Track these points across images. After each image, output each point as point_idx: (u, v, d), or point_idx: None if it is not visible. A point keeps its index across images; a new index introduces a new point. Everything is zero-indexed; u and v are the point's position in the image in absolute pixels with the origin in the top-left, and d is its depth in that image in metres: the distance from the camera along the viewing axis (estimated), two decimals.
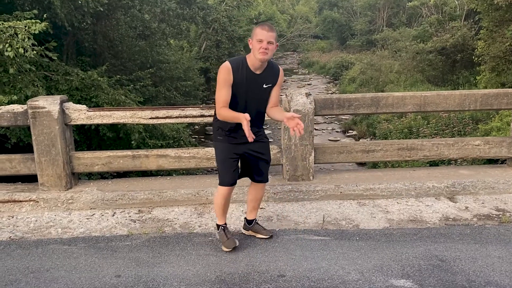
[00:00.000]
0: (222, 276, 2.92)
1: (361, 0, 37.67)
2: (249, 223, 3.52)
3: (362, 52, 30.86)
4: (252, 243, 3.39)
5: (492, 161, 5.97)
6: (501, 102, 4.28)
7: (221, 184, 3.27)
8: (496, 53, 13.33)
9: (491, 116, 11.32)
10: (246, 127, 2.83)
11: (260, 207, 4.03)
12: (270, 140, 3.53)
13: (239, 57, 3.16)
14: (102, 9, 9.98)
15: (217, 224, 3.42)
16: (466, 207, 3.97)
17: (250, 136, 2.85)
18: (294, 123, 2.84)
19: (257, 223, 3.53)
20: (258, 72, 3.10)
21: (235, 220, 3.82)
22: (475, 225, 3.65)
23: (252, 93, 3.12)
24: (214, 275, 2.93)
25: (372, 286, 2.77)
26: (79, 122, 4.14)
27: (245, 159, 3.31)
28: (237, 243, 3.31)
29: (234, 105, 3.10)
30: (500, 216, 3.77)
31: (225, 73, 3.04)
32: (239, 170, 3.35)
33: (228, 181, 3.24)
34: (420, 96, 4.24)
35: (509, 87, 11.31)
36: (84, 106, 4.17)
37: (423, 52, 19.36)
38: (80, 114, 4.11)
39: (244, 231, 3.57)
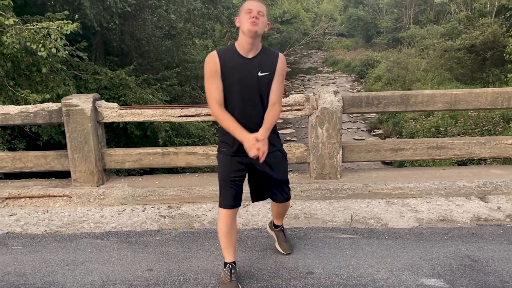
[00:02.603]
0: (251, 272, 2.95)
1: None
2: (275, 226, 3.23)
3: (388, 50, 30.45)
4: None
5: None
6: None
7: (220, 205, 2.76)
8: None
9: None
10: (251, 152, 2.49)
11: None
12: (293, 139, 3.45)
13: (226, 46, 2.75)
14: (129, 10, 10.18)
15: (224, 262, 2.82)
16: (499, 207, 3.89)
17: (261, 157, 2.50)
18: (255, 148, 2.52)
19: (282, 231, 3.21)
20: (250, 56, 2.62)
21: (262, 218, 3.84)
22: (508, 225, 3.57)
23: (245, 83, 2.60)
24: (243, 270, 2.96)
25: (402, 284, 2.75)
26: (111, 120, 4.24)
27: (253, 172, 2.82)
28: None
29: (229, 102, 2.64)
30: None
31: (209, 62, 2.61)
32: (242, 190, 2.80)
33: (226, 203, 2.73)
34: (451, 94, 4.17)
35: None
36: (116, 104, 4.27)
37: (451, 49, 18.94)
38: (112, 112, 4.21)
39: (268, 229, 3.31)
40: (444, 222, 3.67)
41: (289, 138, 16.12)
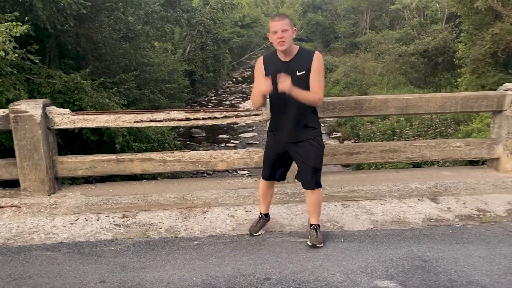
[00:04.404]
0: (208, 280, 2.92)
1: (344, 3, 38.01)
2: (310, 226, 3.47)
3: (345, 55, 31.14)
4: (238, 246, 3.39)
5: (473, 162, 6.08)
6: (480, 105, 4.37)
7: (261, 175, 3.54)
8: (476, 55, 13.61)
9: (472, 117, 11.54)
10: (264, 88, 3.05)
11: (246, 210, 4.05)
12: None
13: (272, 51, 3.25)
14: (85, 12, 9.87)
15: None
16: (448, 208, 4.04)
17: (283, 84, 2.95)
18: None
19: (315, 230, 3.38)
20: (287, 60, 3.11)
21: (221, 224, 3.81)
22: (457, 225, 3.72)
23: None
24: (200, 279, 2.93)
25: (357, 287, 2.80)
26: (62, 127, 4.10)
27: (292, 158, 3.38)
28: (257, 233, 3.55)
29: (274, 99, 3.22)
30: (481, 216, 3.85)
31: (257, 63, 3.24)
32: (281, 170, 3.47)
33: (264, 175, 3.50)
34: (402, 99, 4.30)
35: (489, 89, 11.54)
36: (68, 110, 4.12)
37: (405, 54, 19.65)
38: (64, 118, 4.07)
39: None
40: (397, 223, 3.77)
41: (251, 142, 16.17)
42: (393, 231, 3.62)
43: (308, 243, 3.35)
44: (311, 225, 3.46)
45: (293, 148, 3.29)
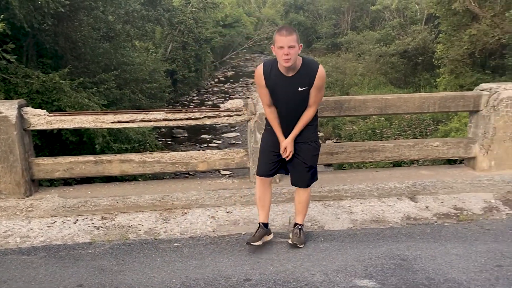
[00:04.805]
0: (187, 282, 2.90)
1: (326, 3, 38.25)
2: (294, 225, 3.45)
3: (327, 55, 31.31)
4: (218, 247, 3.38)
5: (451, 161, 6.19)
6: (458, 105, 4.44)
7: (256, 173, 3.39)
8: (455, 56, 13.85)
9: (451, 117, 11.74)
10: (282, 150, 3.19)
11: (227, 211, 4.04)
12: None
13: (272, 59, 3.10)
14: (63, 10, 9.70)
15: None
16: (427, 207, 4.10)
17: (284, 155, 3.19)
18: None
19: (298, 229, 3.39)
20: (290, 75, 3.02)
21: (201, 225, 3.79)
22: (435, 224, 3.77)
23: (287, 96, 3.07)
24: (179, 281, 2.91)
25: (336, 287, 2.82)
26: (38, 127, 4.02)
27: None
28: (258, 244, 3.26)
29: (276, 107, 3.18)
30: (458, 214, 3.92)
31: (256, 77, 3.14)
32: (278, 165, 3.33)
33: (260, 171, 3.31)
34: (382, 99, 4.35)
35: (467, 89, 11.77)
36: (44, 110, 4.04)
37: (386, 55, 19.87)
38: (40, 119, 3.99)
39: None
40: (376, 222, 3.81)
41: (234, 142, 16.13)
42: (373, 230, 3.65)
43: (290, 242, 3.35)
44: (295, 224, 3.45)
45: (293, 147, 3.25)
